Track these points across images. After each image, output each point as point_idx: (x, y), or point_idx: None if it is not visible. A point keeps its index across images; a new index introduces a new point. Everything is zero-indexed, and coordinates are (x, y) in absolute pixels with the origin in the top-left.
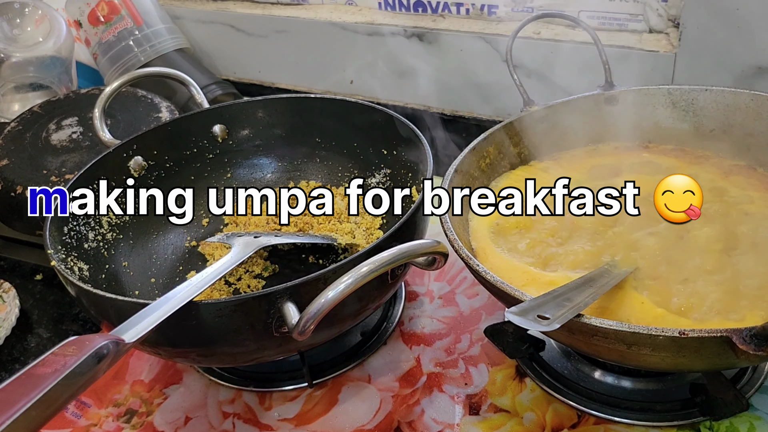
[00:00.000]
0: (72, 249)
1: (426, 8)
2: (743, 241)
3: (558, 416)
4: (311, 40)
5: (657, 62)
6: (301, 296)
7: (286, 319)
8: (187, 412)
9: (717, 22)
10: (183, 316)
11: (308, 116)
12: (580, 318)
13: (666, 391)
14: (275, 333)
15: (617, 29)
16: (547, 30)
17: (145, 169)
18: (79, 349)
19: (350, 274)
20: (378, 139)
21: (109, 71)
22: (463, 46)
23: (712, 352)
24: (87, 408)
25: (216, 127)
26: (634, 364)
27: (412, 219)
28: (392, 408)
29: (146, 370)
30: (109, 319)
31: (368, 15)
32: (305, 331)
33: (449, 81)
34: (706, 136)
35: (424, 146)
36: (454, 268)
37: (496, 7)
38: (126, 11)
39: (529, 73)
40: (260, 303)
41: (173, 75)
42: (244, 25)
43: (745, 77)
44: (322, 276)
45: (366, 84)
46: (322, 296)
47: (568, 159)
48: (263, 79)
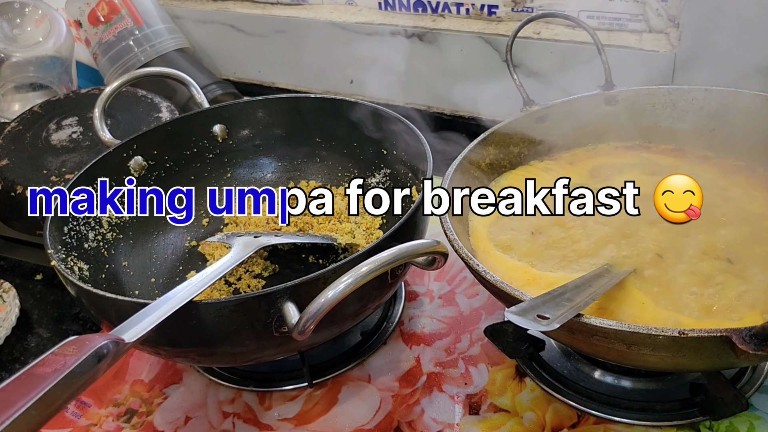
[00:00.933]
0: (72, 249)
1: (426, 8)
2: (744, 241)
3: (558, 416)
4: (311, 40)
5: (657, 62)
6: (301, 296)
7: (286, 319)
8: (187, 412)
9: (717, 22)
10: (183, 316)
11: (308, 116)
12: (580, 318)
13: (666, 391)
14: (275, 333)
15: (617, 29)
16: (547, 30)
17: (145, 169)
18: (78, 348)
19: (350, 274)
20: (378, 139)
21: (109, 71)
22: (463, 46)
23: (711, 351)
24: (87, 408)
25: (216, 126)
26: (633, 363)
27: (412, 219)
28: (392, 408)
29: (146, 370)
30: (109, 318)
31: (368, 15)
32: (305, 330)
33: (449, 81)
34: (706, 136)
35: (424, 146)
36: (454, 268)
37: (496, 7)
38: (126, 11)
39: (529, 73)
40: (260, 303)
41: (173, 75)
42: (244, 25)
43: (744, 77)
44: (322, 276)
45: (366, 84)
46: (322, 296)
47: (568, 159)
48: (263, 79)
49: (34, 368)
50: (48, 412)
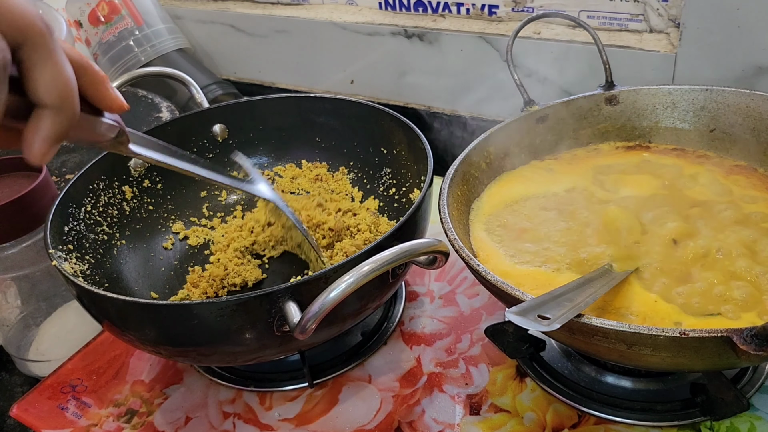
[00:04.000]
0: (72, 249)
1: (426, 8)
2: (744, 241)
3: (558, 416)
4: (312, 40)
5: (657, 62)
6: (302, 295)
7: (288, 319)
8: (187, 412)
9: (717, 22)
10: (184, 315)
11: (308, 116)
12: (581, 318)
13: (666, 391)
14: (277, 332)
15: (618, 29)
16: (547, 30)
17: (145, 169)
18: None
19: (351, 273)
20: (378, 139)
21: (110, 71)
22: (464, 46)
23: (712, 352)
24: (87, 408)
25: (216, 126)
26: (634, 364)
27: (413, 219)
28: (392, 408)
29: (146, 370)
30: (110, 318)
31: (369, 15)
32: (306, 330)
33: (449, 81)
34: (706, 136)
35: (425, 146)
36: (454, 268)
37: (497, 7)
38: (126, 11)
39: (530, 72)
40: (262, 302)
41: (173, 74)
42: (244, 25)
43: (745, 77)
44: (324, 275)
45: (366, 84)
46: (324, 295)
47: (568, 159)
48: (263, 79)
49: None
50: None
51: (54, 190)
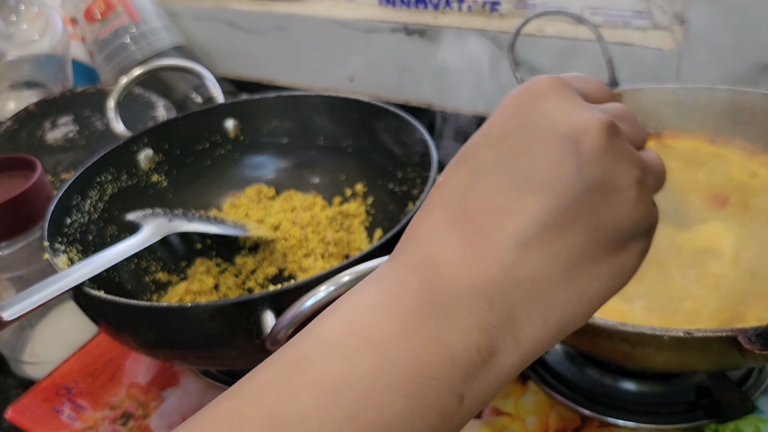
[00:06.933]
0: (69, 248)
1: (427, 4)
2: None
3: (561, 419)
4: (310, 37)
5: (661, 60)
6: (282, 304)
7: (262, 328)
8: (184, 416)
9: (722, 19)
10: (166, 318)
11: (308, 115)
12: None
13: (670, 394)
14: (256, 340)
15: (621, 26)
16: (550, 27)
17: (156, 163)
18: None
19: (330, 283)
20: (379, 139)
21: (106, 69)
22: (465, 43)
23: (717, 352)
24: (83, 411)
25: (229, 122)
26: (638, 364)
27: (402, 232)
28: None
29: (143, 373)
30: (107, 320)
31: (368, 11)
32: (278, 340)
33: (451, 78)
34: (711, 136)
35: (428, 144)
36: None
37: (499, 3)
38: (122, 8)
39: (532, 70)
40: (240, 309)
41: (189, 68)
42: (241, 21)
43: (750, 75)
44: (305, 284)
45: (366, 81)
46: (297, 305)
47: None
48: (261, 77)
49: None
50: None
51: (50, 190)
